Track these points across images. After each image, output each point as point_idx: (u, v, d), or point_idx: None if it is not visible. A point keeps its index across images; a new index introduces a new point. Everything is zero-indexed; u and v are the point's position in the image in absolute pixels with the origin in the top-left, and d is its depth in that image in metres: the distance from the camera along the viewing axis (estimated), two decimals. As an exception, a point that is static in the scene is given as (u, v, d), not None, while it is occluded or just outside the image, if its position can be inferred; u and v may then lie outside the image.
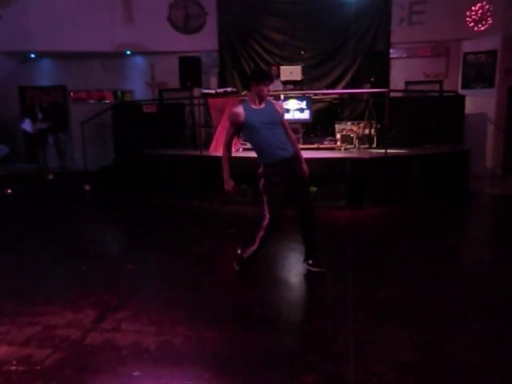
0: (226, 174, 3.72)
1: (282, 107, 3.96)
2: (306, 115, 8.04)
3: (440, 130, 7.76)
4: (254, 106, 3.67)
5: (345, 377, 2.36)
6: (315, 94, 8.55)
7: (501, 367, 2.46)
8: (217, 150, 7.64)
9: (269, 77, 3.73)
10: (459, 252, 4.77)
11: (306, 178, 3.85)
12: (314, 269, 3.81)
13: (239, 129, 3.69)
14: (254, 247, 3.76)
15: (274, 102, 3.91)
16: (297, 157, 3.79)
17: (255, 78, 3.68)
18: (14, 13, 9.82)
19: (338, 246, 4.73)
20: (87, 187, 8.43)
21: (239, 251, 3.89)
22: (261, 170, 3.69)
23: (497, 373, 2.41)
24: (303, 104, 8.04)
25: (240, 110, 3.63)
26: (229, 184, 3.72)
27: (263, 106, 3.69)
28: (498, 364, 2.49)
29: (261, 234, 3.69)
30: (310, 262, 3.84)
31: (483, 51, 9.14)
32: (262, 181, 3.68)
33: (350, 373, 2.38)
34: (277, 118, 3.72)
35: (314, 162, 6.45)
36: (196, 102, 8.93)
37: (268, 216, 3.64)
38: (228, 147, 3.73)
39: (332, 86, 9.79)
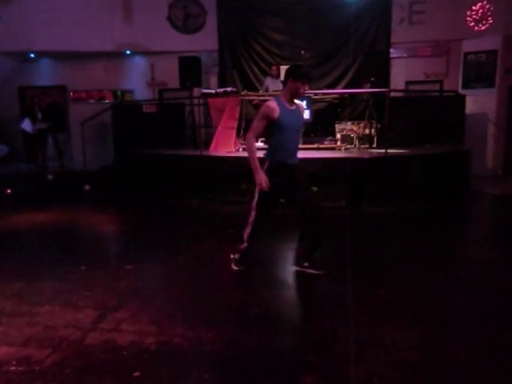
0: (257, 167, 3.51)
1: (303, 111, 3.88)
2: (306, 115, 8.03)
3: (440, 130, 7.75)
4: (287, 106, 3.53)
5: (345, 377, 2.35)
6: (315, 94, 8.55)
7: (501, 367, 2.45)
8: (217, 149, 7.64)
9: (307, 75, 3.55)
10: (459, 252, 4.76)
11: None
12: (314, 271, 3.77)
13: (269, 124, 3.51)
14: (243, 246, 3.80)
15: (299, 104, 3.73)
16: (300, 163, 3.78)
17: (293, 73, 3.50)
18: (14, 13, 9.82)
19: (338, 246, 4.72)
20: (87, 187, 8.42)
21: (232, 255, 3.96)
22: (266, 165, 3.60)
23: (497, 373, 2.40)
24: (303, 104, 8.02)
25: (274, 105, 3.48)
26: (262, 176, 3.50)
27: (294, 107, 3.58)
28: (499, 364, 2.48)
29: (248, 230, 3.72)
30: (307, 264, 3.81)
31: (484, 51, 9.14)
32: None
33: (350, 373, 2.37)
34: (301, 124, 3.71)
35: (314, 161, 6.46)
36: (196, 101, 8.93)
37: (254, 213, 3.66)
38: (255, 140, 3.58)
39: (332, 85, 9.79)
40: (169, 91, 10.93)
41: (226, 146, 7.61)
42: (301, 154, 3.97)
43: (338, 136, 8.10)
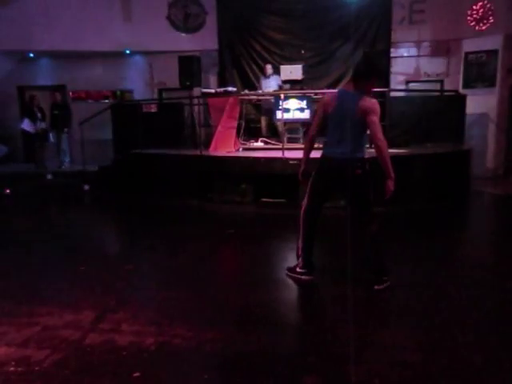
0: (393, 172, 3.29)
1: None
2: (306, 115, 8.00)
3: (441, 130, 7.72)
4: None
5: (346, 378, 2.34)
6: (315, 94, 8.52)
7: (502, 368, 2.44)
8: (217, 149, 7.62)
9: (380, 70, 3.45)
10: (460, 252, 4.75)
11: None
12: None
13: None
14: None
15: None
16: None
17: (367, 72, 3.29)
18: (13, 13, 9.80)
19: (338, 246, 4.70)
20: (86, 187, 8.40)
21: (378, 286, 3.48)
22: (367, 165, 3.52)
23: (498, 373, 2.39)
24: (303, 103, 8.00)
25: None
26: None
27: None
28: (499, 365, 2.47)
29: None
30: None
31: (484, 50, 9.11)
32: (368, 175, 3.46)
33: (351, 374, 2.36)
34: None
35: (315, 161, 6.43)
36: (196, 101, 8.90)
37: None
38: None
39: (332, 85, 9.75)
40: (168, 91, 10.91)
41: (226, 145, 7.59)
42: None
43: (339, 136, 8.07)
